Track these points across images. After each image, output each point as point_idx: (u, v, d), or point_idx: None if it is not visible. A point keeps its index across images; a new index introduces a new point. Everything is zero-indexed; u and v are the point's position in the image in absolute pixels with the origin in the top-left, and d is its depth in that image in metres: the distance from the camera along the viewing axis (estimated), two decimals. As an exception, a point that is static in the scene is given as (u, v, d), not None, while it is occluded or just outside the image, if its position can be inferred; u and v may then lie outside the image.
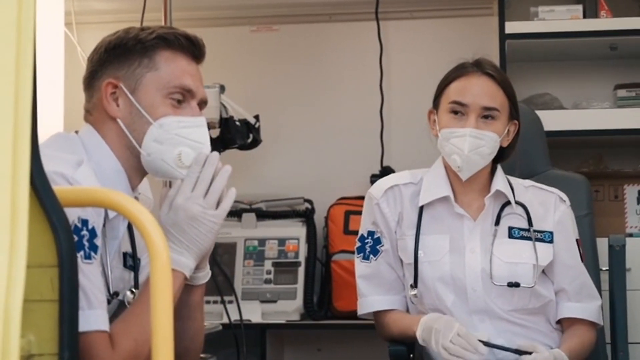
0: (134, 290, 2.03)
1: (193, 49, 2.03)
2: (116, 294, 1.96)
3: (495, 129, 2.52)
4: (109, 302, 1.92)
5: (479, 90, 2.52)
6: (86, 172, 1.89)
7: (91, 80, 2.03)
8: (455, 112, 2.52)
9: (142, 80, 1.97)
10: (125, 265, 2.04)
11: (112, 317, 2.05)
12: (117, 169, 1.98)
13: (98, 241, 1.83)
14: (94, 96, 2.01)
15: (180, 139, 1.96)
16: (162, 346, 1.44)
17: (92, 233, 1.80)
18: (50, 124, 3.55)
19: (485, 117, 2.52)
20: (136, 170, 2.01)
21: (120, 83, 1.98)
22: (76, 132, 2.04)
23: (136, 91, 1.97)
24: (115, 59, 1.99)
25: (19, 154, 1.24)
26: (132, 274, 2.05)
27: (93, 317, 1.75)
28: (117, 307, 2.03)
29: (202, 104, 2.05)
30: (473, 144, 2.49)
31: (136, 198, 2.04)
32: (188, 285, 1.99)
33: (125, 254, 2.03)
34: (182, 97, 1.99)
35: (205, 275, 2.05)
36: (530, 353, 2.43)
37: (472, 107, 2.50)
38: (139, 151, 1.98)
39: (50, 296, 1.39)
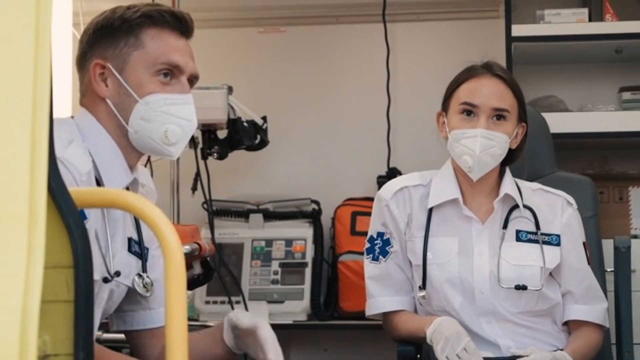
0: (142, 274, 2.06)
1: (179, 25, 2.04)
2: (117, 273, 1.98)
3: (506, 130, 2.54)
4: (107, 280, 1.95)
5: (489, 92, 2.54)
6: (76, 151, 1.91)
7: (82, 62, 2.05)
8: (466, 113, 2.54)
9: (129, 59, 1.99)
10: (130, 250, 2.06)
11: (123, 301, 2.08)
12: (112, 148, 2.00)
13: (87, 224, 1.85)
14: (85, 77, 2.04)
15: (166, 116, 1.98)
16: (176, 347, 1.46)
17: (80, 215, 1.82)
18: (59, 125, 3.57)
19: (496, 117, 2.53)
20: (131, 148, 2.03)
21: (108, 63, 1.99)
22: (72, 117, 2.06)
23: (124, 70, 1.99)
24: (102, 40, 2.01)
25: (36, 157, 1.26)
26: (138, 260, 2.07)
27: None
28: (126, 293, 2.06)
29: (194, 79, 2.06)
30: (484, 144, 2.50)
31: (135, 179, 2.07)
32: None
33: (130, 240, 2.06)
34: (171, 73, 2.00)
35: None
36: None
37: (483, 108, 2.52)
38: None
39: (65, 297, 1.40)
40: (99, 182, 1.96)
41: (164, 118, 1.98)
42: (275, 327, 3.89)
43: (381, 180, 3.88)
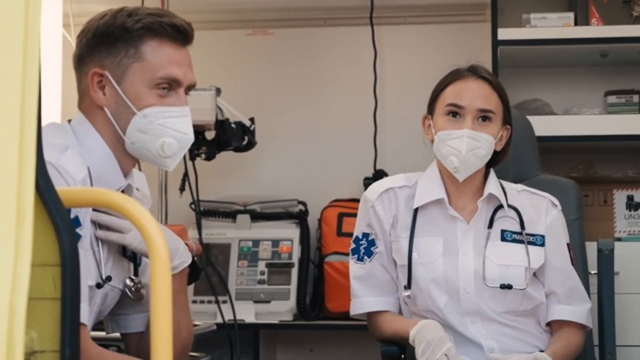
0: (133, 277, 2.08)
1: (180, 36, 2.04)
2: (109, 278, 2.01)
3: (491, 131, 2.56)
4: (100, 286, 1.98)
5: (474, 93, 2.56)
6: (72, 158, 1.92)
7: (79, 64, 2.06)
8: (452, 115, 2.55)
9: (128, 70, 1.99)
10: (124, 254, 2.08)
11: (117, 305, 2.09)
12: (107, 154, 2.01)
13: (82, 231, 1.87)
14: (82, 82, 2.05)
15: (164, 129, 1.99)
16: (161, 345, 1.47)
17: (75, 222, 1.83)
18: (48, 125, 3.58)
19: (481, 119, 2.55)
20: (127, 155, 2.05)
21: (106, 72, 1.99)
22: (69, 120, 2.08)
23: (122, 81, 1.99)
24: (102, 47, 2.01)
25: (24, 156, 1.27)
26: (132, 264, 2.10)
27: None
28: (120, 298, 2.08)
29: (190, 87, 2.07)
30: (470, 144, 2.52)
31: (130, 185, 2.08)
32: None
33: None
34: (169, 86, 2.01)
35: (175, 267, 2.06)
36: None
37: (469, 109, 2.54)
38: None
39: (52, 294, 1.41)
40: None
41: (161, 131, 1.99)
42: (262, 327, 3.95)
43: (367, 182, 3.89)
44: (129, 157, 2.05)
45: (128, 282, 2.07)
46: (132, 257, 2.09)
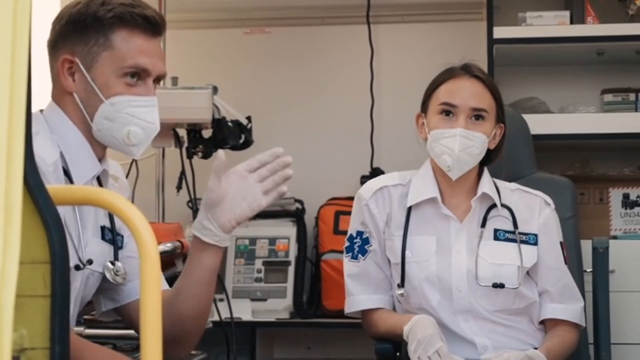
0: (114, 262, 2.09)
1: (151, 27, 2.06)
2: (90, 261, 2.02)
3: (484, 129, 2.56)
4: (79, 268, 1.98)
5: (467, 92, 2.56)
6: (43, 143, 1.94)
7: (52, 50, 2.08)
8: (445, 113, 2.56)
9: (98, 58, 2.02)
10: (103, 238, 2.09)
11: (98, 290, 2.10)
12: (80, 139, 2.04)
13: None
14: (54, 67, 2.07)
15: (130, 117, 2.02)
16: (150, 342, 1.47)
17: None
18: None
19: (474, 117, 2.56)
20: (97, 140, 2.07)
21: (77, 58, 2.02)
22: (41, 110, 2.09)
23: (91, 69, 2.02)
24: (73, 34, 2.03)
25: (13, 153, 1.27)
26: (112, 247, 2.11)
27: None
28: (102, 282, 2.09)
29: (161, 77, 2.09)
30: (463, 143, 2.53)
31: (105, 170, 2.11)
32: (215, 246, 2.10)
33: (103, 228, 2.10)
34: (137, 75, 2.03)
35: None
36: None
37: (462, 107, 2.55)
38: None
39: (42, 292, 1.41)
40: (67, 173, 2.00)
41: (127, 119, 2.02)
42: (259, 325, 3.94)
43: (364, 180, 3.88)
44: (100, 142, 2.08)
45: (109, 265, 2.08)
46: (111, 240, 2.10)
